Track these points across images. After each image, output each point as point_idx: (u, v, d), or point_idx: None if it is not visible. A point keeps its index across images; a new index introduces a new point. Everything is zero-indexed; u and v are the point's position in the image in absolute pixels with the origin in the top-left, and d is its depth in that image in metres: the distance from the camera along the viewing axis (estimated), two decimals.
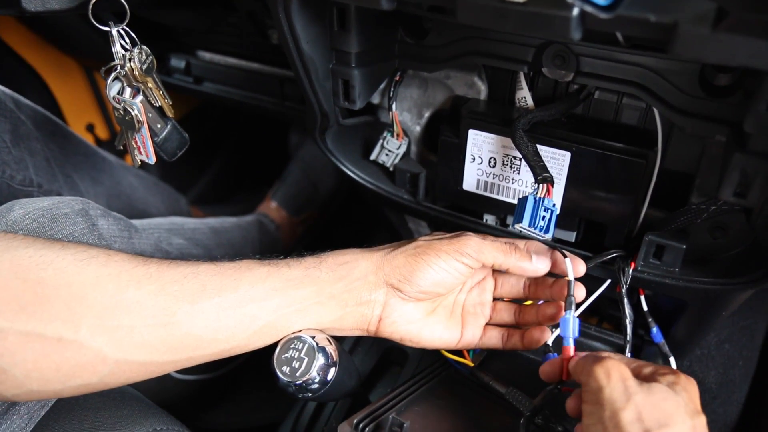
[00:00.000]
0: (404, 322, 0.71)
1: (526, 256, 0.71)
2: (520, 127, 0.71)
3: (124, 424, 0.69)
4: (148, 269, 0.61)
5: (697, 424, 0.54)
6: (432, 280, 0.69)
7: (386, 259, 0.70)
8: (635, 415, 0.52)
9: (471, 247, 0.69)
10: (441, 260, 0.68)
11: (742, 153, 0.57)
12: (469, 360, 0.79)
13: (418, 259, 0.69)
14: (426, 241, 0.71)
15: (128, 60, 0.71)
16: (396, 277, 0.69)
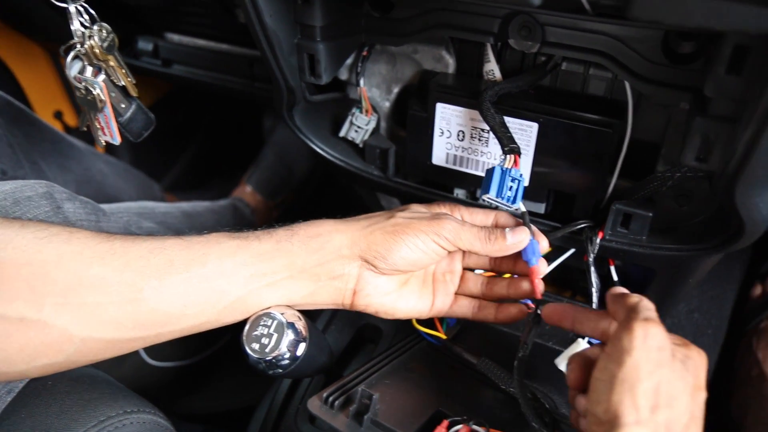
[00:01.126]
0: (378, 295, 0.71)
1: (501, 238, 0.69)
2: (487, 99, 0.70)
3: (93, 406, 0.68)
4: (112, 245, 0.60)
5: (698, 401, 0.53)
6: (408, 260, 0.68)
7: (362, 234, 0.68)
8: (651, 389, 0.50)
9: (448, 230, 0.68)
10: (419, 240, 0.67)
11: (703, 117, 0.57)
12: (443, 333, 0.80)
13: (396, 237, 0.67)
14: (404, 219, 0.70)
15: (88, 38, 0.69)
16: (372, 253, 0.68)
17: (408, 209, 0.73)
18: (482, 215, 0.74)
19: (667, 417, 0.50)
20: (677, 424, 0.50)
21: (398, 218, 0.70)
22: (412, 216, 0.70)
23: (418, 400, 0.72)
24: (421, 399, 0.72)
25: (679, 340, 0.56)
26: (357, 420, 0.65)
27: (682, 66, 0.63)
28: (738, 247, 0.67)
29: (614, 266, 0.85)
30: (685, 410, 0.51)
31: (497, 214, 0.74)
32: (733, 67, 0.53)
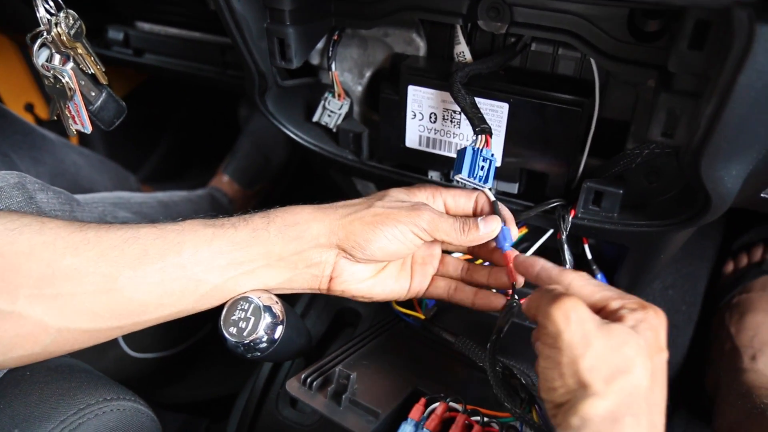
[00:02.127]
0: (355, 281, 0.71)
1: (474, 228, 0.69)
2: (457, 80, 0.71)
3: (72, 395, 0.67)
4: (85, 235, 0.60)
5: (657, 362, 0.53)
6: (386, 250, 0.68)
7: (341, 224, 0.68)
8: (594, 361, 0.50)
9: (426, 221, 0.67)
10: (397, 231, 0.67)
11: (668, 93, 0.58)
12: (421, 313, 0.81)
13: (374, 228, 0.67)
14: (383, 209, 0.68)
15: (54, 25, 0.68)
16: (350, 243, 0.67)
17: (387, 196, 0.72)
18: (465, 198, 0.74)
19: (624, 383, 0.50)
20: (639, 388, 0.51)
21: (377, 208, 0.69)
22: (390, 206, 0.69)
23: (396, 379, 0.72)
24: (398, 378, 0.73)
25: (634, 303, 0.56)
26: (335, 400, 0.66)
27: (647, 44, 0.64)
28: (706, 220, 0.69)
29: (588, 244, 0.87)
30: (643, 373, 0.51)
31: (478, 196, 0.73)
32: (695, 42, 0.54)
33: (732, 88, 0.49)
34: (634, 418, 0.49)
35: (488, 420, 0.66)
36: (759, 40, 0.45)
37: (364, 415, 0.65)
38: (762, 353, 1.09)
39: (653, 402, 0.52)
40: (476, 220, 0.70)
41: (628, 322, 0.54)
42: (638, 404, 0.50)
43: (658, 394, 0.52)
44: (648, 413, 0.50)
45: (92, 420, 0.66)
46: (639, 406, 0.50)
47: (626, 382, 0.50)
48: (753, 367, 1.06)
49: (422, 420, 0.65)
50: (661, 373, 0.54)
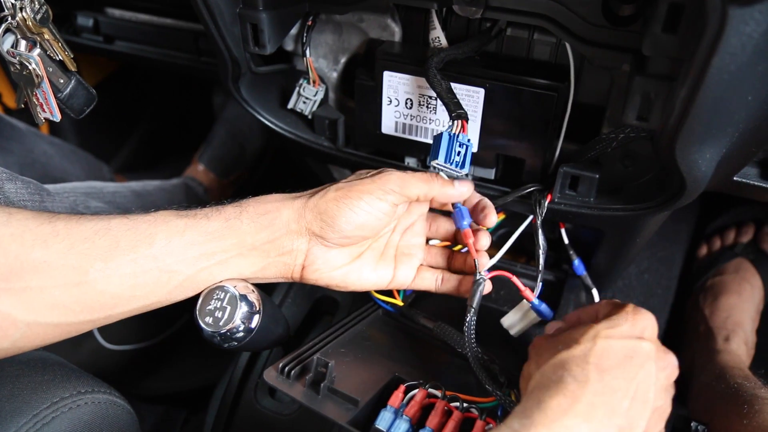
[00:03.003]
0: (328, 269, 0.71)
1: (449, 182, 0.70)
2: (433, 66, 0.70)
3: (45, 388, 0.66)
4: (54, 227, 0.58)
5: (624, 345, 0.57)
6: (355, 224, 0.67)
7: (307, 206, 0.67)
8: (538, 354, 0.60)
9: (393, 182, 0.67)
10: (363, 202, 0.66)
11: (642, 76, 0.58)
12: (399, 300, 0.80)
13: (339, 203, 0.66)
14: (347, 183, 0.68)
15: (19, 10, 0.66)
16: (318, 224, 0.67)
17: (354, 174, 0.72)
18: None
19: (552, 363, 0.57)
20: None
21: (341, 183, 0.69)
22: (354, 179, 0.69)
23: (374, 366, 0.72)
24: (377, 366, 0.72)
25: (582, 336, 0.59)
26: (314, 388, 0.66)
27: (622, 28, 0.64)
28: (681, 204, 0.69)
29: (565, 229, 0.87)
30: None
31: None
32: (669, 25, 0.54)
33: (705, 70, 0.49)
34: (571, 377, 0.54)
35: (467, 405, 0.66)
36: (731, 22, 0.45)
37: (343, 403, 0.65)
38: (735, 334, 1.11)
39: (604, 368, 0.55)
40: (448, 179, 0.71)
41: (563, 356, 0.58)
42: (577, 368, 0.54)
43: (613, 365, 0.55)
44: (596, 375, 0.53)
45: (66, 414, 0.65)
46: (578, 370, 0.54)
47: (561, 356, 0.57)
48: (727, 348, 1.08)
49: (402, 407, 0.65)
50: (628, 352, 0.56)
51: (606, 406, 0.52)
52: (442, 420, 0.64)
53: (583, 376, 0.53)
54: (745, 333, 1.13)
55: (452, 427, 0.63)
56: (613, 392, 0.53)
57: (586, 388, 0.52)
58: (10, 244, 0.56)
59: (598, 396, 0.52)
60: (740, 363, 1.04)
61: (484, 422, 0.64)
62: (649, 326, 0.59)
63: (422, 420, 0.64)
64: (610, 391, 0.53)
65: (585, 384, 0.52)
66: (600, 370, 0.54)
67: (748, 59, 0.48)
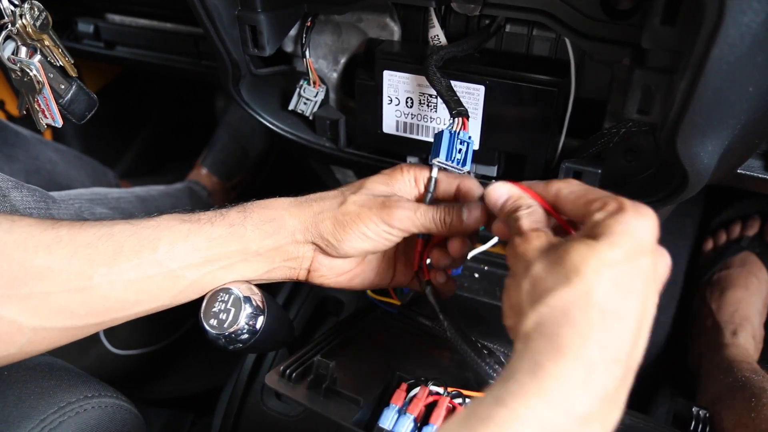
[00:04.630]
0: (333, 275, 0.71)
1: (458, 225, 0.65)
2: (432, 64, 0.70)
3: (52, 393, 0.67)
4: (57, 233, 0.58)
5: (630, 267, 0.46)
6: (359, 249, 0.66)
7: (313, 222, 0.66)
8: (528, 284, 0.48)
9: (398, 220, 0.64)
10: (368, 230, 0.65)
11: (642, 70, 0.58)
12: (396, 299, 0.80)
13: (345, 228, 0.65)
14: (355, 206, 0.65)
15: (19, 16, 0.67)
16: (323, 242, 0.66)
17: (362, 189, 0.68)
18: (445, 182, 0.70)
19: (557, 297, 0.46)
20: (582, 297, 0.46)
21: (348, 204, 0.66)
22: (363, 202, 0.66)
23: (375, 366, 0.72)
24: (378, 365, 0.72)
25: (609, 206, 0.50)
26: (316, 390, 0.66)
27: (621, 21, 0.64)
28: (684, 197, 0.69)
29: None
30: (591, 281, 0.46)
31: (462, 181, 0.70)
32: (667, 18, 0.54)
33: (705, 62, 0.49)
34: (572, 329, 0.45)
35: (470, 401, 0.66)
36: (729, 13, 0.45)
37: (345, 404, 0.65)
38: (742, 328, 1.11)
39: (609, 310, 0.45)
40: (459, 208, 0.65)
41: (584, 230, 0.50)
42: (580, 316, 0.45)
43: (619, 303, 0.46)
44: (599, 323, 0.45)
45: (73, 418, 0.65)
46: (581, 317, 0.45)
47: (560, 296, 0.46)
48: (734, 342, 1.07)
49: (404, 405, 0.65)
50: (638, 279, 0.46)
51: (608, 360, 0.45)
52: (446, 416, 0.64)
53: (586, 325, 0.45)
54: (752, 326, 1.13)
55: None
56: (618, 339, 0.45)
57: (588, 341, 0.44)
58: (13, 251, 0.56)
59: (601, 350, 0.45)
60: (748, 356, 1.03)
61: None
62: (652, 227, 0.49)
63: (425, 417, 0.64)
64: (614, 339, 0.45)
65: (587, 337, 0.44)
66: (603, 312, 0.45)
67: (748, 50, 0.48)
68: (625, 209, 0.49)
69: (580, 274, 0.46)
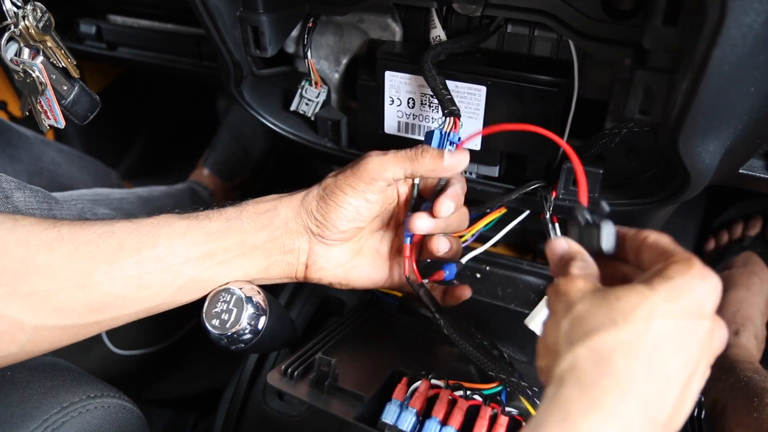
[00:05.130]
0: (331, 267, 0.72)
1: (438, 156, 0.66)
2: (428, 60, 0.71)
3: (54, 394, 0.67)
4: (59, 231, 0.59)
5: (682, 326, 0.43)
6: (347, 218, 0.68)
7: (302, 205, 0.69)
8: (570, 323, 0.45)
9: (372, 170, 0.66)
10: (348, 196, 0.67)
11: (644, 70, 0.58)
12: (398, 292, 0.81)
13: (328, 201, 0.68)
14: (332, 178, 0.69)
15: (21, 18, 0.67)
16: (313, 222, 0.68)
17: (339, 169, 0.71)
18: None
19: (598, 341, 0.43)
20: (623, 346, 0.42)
21: (328, 179, 0.69)
22: (336, 172, 0.69)
23: (376, 362, 0.73)
24: (379, 361, 0.73)
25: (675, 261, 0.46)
26: (318, 387, 0.66)
27: (622, 22, 0.64)
28: (686, 197, 0.69)
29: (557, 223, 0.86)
30: (639, 330, 0.43)
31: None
32: (669, 18, 0.54)
33: (706, 62, 0.49)
34: (611, 379, 0.42)
35: (471, 393, 0.66)
36: (731, 13, 0.45)
37: (348, 400, 0.65)
38: (745, 328, 1.10)
39: (656, 365, 0.42)
40: (436, 149, 0.66)
41: (642, 278, 0.47)
42: (622, 365, 0.42)
43: (668, 359, 0.43)
44: (642, 377, 0.42)
45: (76, 418, 0.65)
46: (623, 367, 0.42)
47: (603, 339, 0.43)
48: (736, 342, 1.07)
49: (406, 399, 0.65)
50: (692, 340, 0.44)
51: (647, 421, 0.42)
52: (448, 409, 0.64)
53: (628, 377, 0.42)
54: (754, 326, 1.12)
55: (458, 415, 0.63)
56: (660, 400, 0.42)
57: (628, 398, 0.41)
58: (15, 249, 0.57)
59: (641, 409, 0.41)
60: (750, 356, 1.03)
61: (489, 407, 0.64)
62: (714, 295, 0.46)
63: (427, 411, 0.65)
64: (656, 399, 0.42)
65: (628, 392, 0.41)
66: (648, 367, 0.42)
67: (749, 50, 0.48)
68: (693, 266, 0.45)
69: (628, 318, 0.43)
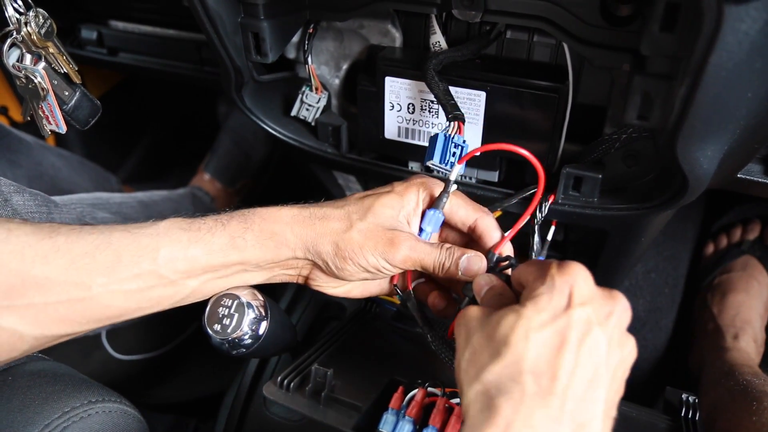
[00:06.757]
0: (329, 288, 0.71)
1: (453, 274, 0.66)
2: (431, 67, 0.71)
3: (56, 399, 0.67)
4: (55, 242, 0.57)
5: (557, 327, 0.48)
6: (356, 277, 0.66)
7: (315, 243, 0.64)
8: (468, 357, 0.51)
9: (399, 259, 0.64)
10: (369, 264, 0.64)
11: (642, 76, 0.58)
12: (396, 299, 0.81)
13: (345, 258, 0.64)
14: (360, 236, 0.64)
15: (24, 24, 0.67)
16: (322, 263, 0.66)
17: (369, 214, 0.66)
18: (465, 211, 0.70)
19: (491, 371, 0.48)
20: (513, 367, 0.47)
21: (353, 233, 0.64)
22: (368, 233, 0.64)
23: (372, 371, 0.73)
24: (375, 370, 0.73)
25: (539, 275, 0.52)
26: (315, 398, 0.66)
27: (620, 28, 0.64)
28: (684, 202, 0.69)
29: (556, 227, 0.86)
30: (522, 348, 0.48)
31: (479, 219, 0.70)
32: (666, 24, 0.54)
33: (704, 68, 0.49)
34: (505, 397, 0.46)
35: None
36: (727, 20, 0.45)
37: (345, 410, 0.65)
38: (744, 332, 1.11)
39: (542, 372, 0.47)
40: (459, 257, 0.65)
41: (520, 298, 0.52)
42: (512, 385, 0.46)
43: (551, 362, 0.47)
44: (533, 386, 0.46)
45: (77, 423, 0.65)
46: (513, 386, 0.46)
47: (493, 371, 0.48)
48: (735, 346, 1.08)
49: (403, 408, 0.66)
50: (571, 333, 0.48)
51: (549, 420, 0.45)
52: (444, 417, 0.65)
53: (518, 392, 0.46)
54: (753, 330, 1.13)
55: (455, 423, 0.64)
56: (557, 398, 0.46)
57: (521, 407, 0.45)
58: (10, 261, 0.55)
59: (539, 411, 0.45)
60: (749, 360, 1.04)
61: None
62: (578, 281, 0.51)
63: (424, 419, 0.65)
64: (553, 399, 0.46)
65: (521, 402, 0.46)
66: (536, 375, 0.47)
67: (746, 56, 0.48)
68: (549, 269, 0.51)
69: (509, 344, 0.48)
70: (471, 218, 0.70)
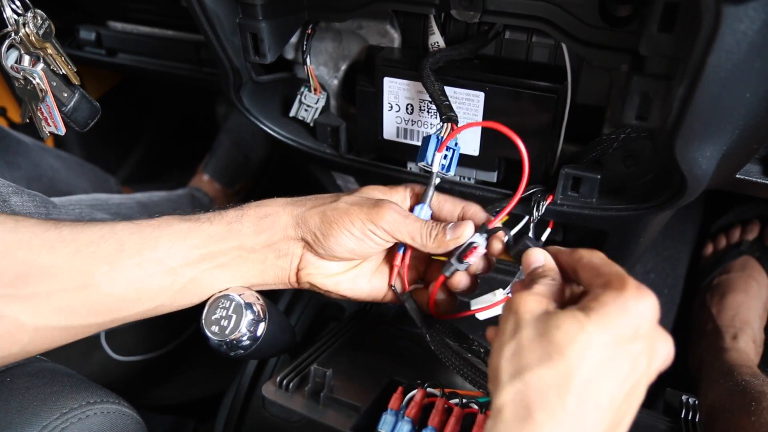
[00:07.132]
0: (320, 276, 0.71)
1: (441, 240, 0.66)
2: (427, 66, 0.71)
3: (54, 399, 0.67)
4: (60, 233, 0.59)
5: (621, 351, 0.46)
6: (345, 247, 0.67)
7: (305, 216, 0.67)
8: (512, 352, 0.48)
9: (386, 221, 0.65)
10: (354, 228, 0.66)
11: (640, 76, 0.59)
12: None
13: (332, 223, 0.66)
14: (345, 205, 0.67)
15: (22, 25, 0.67)
16: (310, 236, 0.67)
17: (358, 192, 0.71)
18: (451, 204, 0.72)
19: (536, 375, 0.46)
20: (560, 379, 0.45)
21: (340, 203, 0.67)
22: (354, 202, 0.67)
23: (372, 371, 0.73)
24: (375, 370, 0.73)
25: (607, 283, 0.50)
26: (314, 399, 0.66)
27: (619, 28, 0.64)
28: (683, 202, 0.69)
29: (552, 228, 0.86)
30: (576, 362, 0.45)
31: (466, 205, 0.71)
32: (665, 25, 0.54)
33: (702, 69, 0.49)
34: (545, 414, 0.44)
35: (467, 401, 0.66)
36: (726, 21, 0.45)
37: (344, 411, 0.65)
38: (743, 332, 1.11)
39: (588, 398, 0.45)
40: (445, 226, 0.66)
41: (581, 303, 0.49)
42: (555, 400, 0.44)
43: (599, 391, 0.45)
44: (575, 410, 0.44)
45: (76, 424, 0.65)
46: (557, 402, 0.44)
47: (539, 374, 0.45)
48: (734, 346, 1.08)
49: (402, 409, 0.66)
50: (625, 365, 0.46)
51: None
52: (443, 418, 0.65)
53: (560, 412, 0.44)
54: (752, 330, 1.13)
55: (454, 423, 0.64)
56: (593, 428, 0.45)
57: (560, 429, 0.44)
58: (17, 251, 0.57)
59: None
60: (748, 360, 1.04)
61: (485, 416, 0.64)
62: (649, 313, 0.48)
63: (423, 420, 0.65)
64: (589, 428, 0.45)
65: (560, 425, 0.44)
66: (581, 400, 0.45)
67: (744, 56, 0.48)
68: (626, 288, 0.48)
69: (563, 354, 0.45)
70: (458, 208, 0.71)
